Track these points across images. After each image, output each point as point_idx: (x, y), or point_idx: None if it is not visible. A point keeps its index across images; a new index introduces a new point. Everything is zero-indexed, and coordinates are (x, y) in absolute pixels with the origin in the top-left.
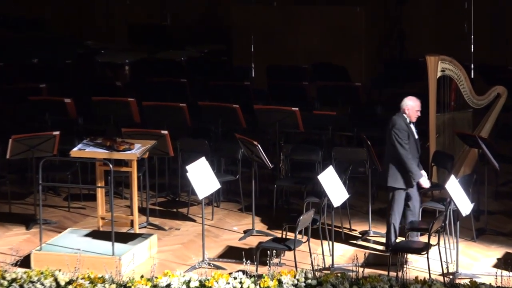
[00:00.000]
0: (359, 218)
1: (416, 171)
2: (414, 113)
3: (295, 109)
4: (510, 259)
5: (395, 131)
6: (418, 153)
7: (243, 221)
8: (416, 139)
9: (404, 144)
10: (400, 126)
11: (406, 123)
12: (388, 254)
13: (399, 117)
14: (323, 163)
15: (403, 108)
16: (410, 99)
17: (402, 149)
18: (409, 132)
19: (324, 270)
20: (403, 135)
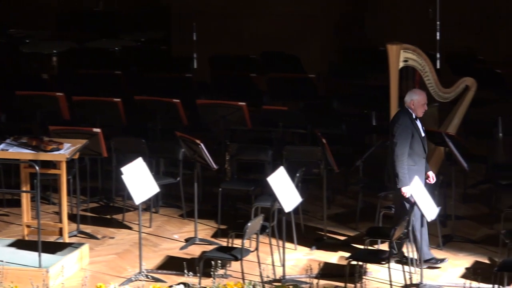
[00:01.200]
0: (313, 224)
1: (403, 176)
2: (420, 108)
3: (242, 104)
4: (479, 268)
5: (397, 127)
6: (425, 152)
7: (184, 229)
8: (422, 137)
9: (402, 143)
10: (403, 122)
11: (411, 119)
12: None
13: (403, 113)
14: (273, 164)
15: (408, 102)
16: (416, 92)
17: (398, 149)
18: (414, 130)
19: (275, 282)
20: (405, 133)
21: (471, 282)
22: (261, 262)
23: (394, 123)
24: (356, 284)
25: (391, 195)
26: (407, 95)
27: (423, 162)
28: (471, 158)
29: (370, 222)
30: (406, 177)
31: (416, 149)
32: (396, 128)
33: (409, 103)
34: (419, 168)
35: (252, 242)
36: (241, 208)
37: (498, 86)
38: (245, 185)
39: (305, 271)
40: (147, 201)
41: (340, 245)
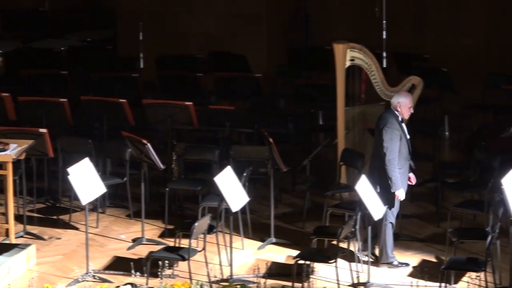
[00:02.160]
0: (261, 224)
1: (397, 180)
2: (407, 111)
3: (189, 104)
4: (426, 267)
5: (387, 130)
6: (410, 155)
7: (131, 229)
8: (408, 139)
9: (394, 147)
10: (392, 125)
11: (398, 122)
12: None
13: (390, 115)
14: (220, 163)
15: (395, 105)
16: (402, 94)
17: (390, 153)
18: (401, 133)
19: (222, 281)
20: (395, 136)
21: (418, 280)
22: (208, 262)
23: (382, 126)
24: (303, 283)
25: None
26: (394, 97)
27: (408, 164)
28: (418, 156)
29: (317, 221)
30: (399, 180)
31: (403, 151)
32: (385, 131)
33: (396, 105)
34: (404, 171)
35: (199, 242)
36: (188, 208)
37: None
38: (192, 185)
39: (253, 270)
40: (93, 201)
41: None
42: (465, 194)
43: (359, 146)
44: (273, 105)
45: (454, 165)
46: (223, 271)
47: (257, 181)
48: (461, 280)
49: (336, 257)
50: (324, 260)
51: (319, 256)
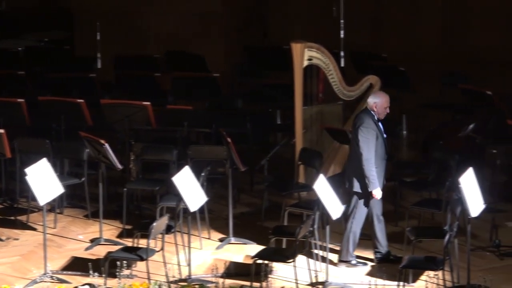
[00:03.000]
0: (219, 223)
1: (374, 179)
2: (382, 110)
3: (147, 104)
4: (385, 266)
5: (363, 130)
6: (386, 154)
7: (89, 229)
8: (384, 138)
9: (370, 146)
10: (369, 125)
11: (374, 121)
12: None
13: (367, 114)
14: (178, 163)
15: (371, 104)
16: (379, 94)
17: (367, 153)
18: (378, 132)
19: (181, 281)
20: (371, 136)
21: (376, 279)
22: (166, 262)
23: (358, 125)
24: (262, 283)
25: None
26: (370, 97)
27: (384, 164)
28: None
29: (276, 221)
30: (376, 179)
31: (379, 151)
32: (361, 131)
33: (372, 105)
34: (381, 170)
35: (158, 242)
36: (146, 208)
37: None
38: (150, 185)
39: (211, 270)
40: (51, 202)
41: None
42: (423, 193)
43: (317, 145)
44: (231, 105)
45: (412, 164)
46: (182, 271)
47: (215, 180)
48: (419, 279)
49: (295, 257)
50: (282, 259)
51: (278, 256)
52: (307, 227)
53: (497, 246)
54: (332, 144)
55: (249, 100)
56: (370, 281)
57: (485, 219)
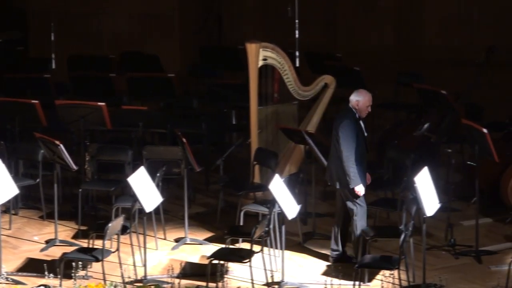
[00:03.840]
0: (175, 224)
1: (355, 176)
2: (364, 109)
3: (102, 104)
4: (341, 265)
5: (343, 128)
6: (367, 152)
7: (44, 230)
8: (365, 136)
9: (350, 144)
10: (348, 124)
11: (355, 119)
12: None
13: (348, 113)
14: (134, 164)
15: (353, 102)
16: (360, 93)
17: (347, 150)
18: (358, 130)
19: (136, 282)
20: (351, 134)
21: (332, 279)
22: (122, 263)
23: (339, 123)
24: (217, 283)
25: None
26: (353, 95)
27: (365, 163)
28: None
29: (231, 221)
30: (357, 176)
31: (361, 150)
32: (342, 128)
33: (354, 103)
34: (361, 168)
35: (113, 243)
36: (101, 208)
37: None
38: (105, 186)
39: (167, 271)
40: (6, 203)
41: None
42: (379, 193)
43: (272, 145)
44: (186, 105)
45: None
46: (137, 271)
47: (170, 181)
48: (375, 278)
49: (250, 257)
50: (238, 259)
51: (233, 256)
52: (262, 227)
53: (452, 245)
54: (287, 144)
55: (204, 100)
56: (326, 280)
57: (440, 218)
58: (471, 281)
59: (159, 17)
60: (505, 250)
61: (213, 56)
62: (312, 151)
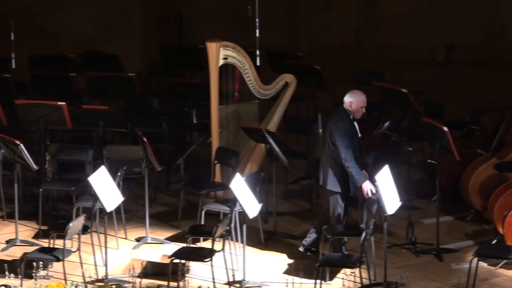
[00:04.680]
0: (136, 223)
1: (358, 174)
2: (358, 110)
3: (62, 104)
4: (302, 264)
5: (338, 129)
6: (360, 153)
7: (5, 230)
8: (359, 137)
9: (347, 145)
10: (344, 125)
11: (349, 120)
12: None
13: (342, 113)
14: (94, 163)
15: (346, 103)
16: (355, 93)
17: (345, 152)
18: (353, 131)
19: (97, 282)
20: (346, 135)
21: (293, 277)
22: (83, 263)
23: (333, 125)
24: (179, 283)
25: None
26: (346, 96)
27: (360, 161)
28: (292, 154)
29: (192, 220)
30: (361, 174)
31: (355, 150)
32: (336, 130)
33: (347, 104)
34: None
35: (74, 242)
36: (62, 208)
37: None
38: (66, 185)
39: (128, 270)
40: None
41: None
42: None
43: (233, 144)
44: (146, 105)
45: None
46: (98, 271)
47: (131, 180)
48: (336, 277)
49: (212, 256)
50: (199, 258)
51: (194, 255)
52: (224, 226)
53: (413, 243)
54: (248, 143)
55: (164, 99)
56: (287, 279)
57: (401, 217)
58: (432, 279)
59: (120, 17)
60: (465, 248)
61: (173, 56)
62: (273, 150)
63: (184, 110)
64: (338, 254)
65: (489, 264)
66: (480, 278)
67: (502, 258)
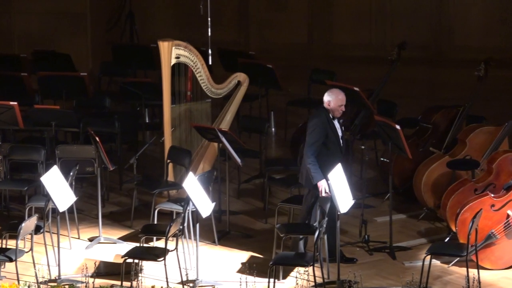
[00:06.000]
0: (88, 223)
1: (315, 171)
2: (337, 109)
3: (14, 104)
4: (255, 263)
5: (310, 126)
6: (341, 152)
7: None
8: (340, 136)
9: (313, 142)
10: (317, 121)
11: (328, 119)
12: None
13: (320, 111)
14: (47, 163)
15: (325, 102)
16: (333, 92)
17: (307, 148)
18: (330, 129)
19: (50, 282)
20: (317, 133)
21: (247, 276)
22: (36, 263)
23: (309, 122)
24: (132, 282)
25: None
26: (325, 95)
27: (338, 161)
28: (245, 153)
29: (145, 219)
30: (319, 171)
31: (332, 149)
32: (309, 126)
33: (326, 103)
34: (331, 168)
35: (27, 243)
36: (14, 208)
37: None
38: (18, 185)
39: (81, 270)
40: None
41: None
42: (292, 190)
43: (186, 143)
44: (98, 104)
45: (281, 161)
46: (51, 271)
47: (84, 180)
48: (289, 275)
49: (165, 255)
50: (152, 258)
51: (147, 255)
52: (177, 225)
53: (366, 241)
54: (201, 142)
55: (117, 99)
56: (240, 278)
57: (354, 215)
58: (385, 277)
59: (71, 16)
60: (418, 246)
61: (125, 55)
62: (226, 149)
63: (136, 109)
64: (291, 253)
65: (442, 262)
66: (433, 276)
67: (455, 255)
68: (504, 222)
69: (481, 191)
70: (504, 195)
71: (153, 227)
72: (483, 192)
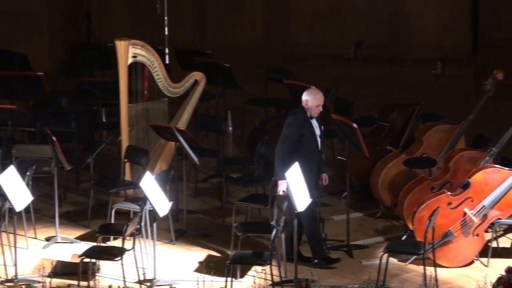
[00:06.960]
0: (45, 222)
1: (280, 170)
2: (314, 109)
3: None
4: (212, 262)
5: (285, 123)
6: (318, 151)
7: None
8: (317, 135)
9: (285, 140)
10: (293, 120)
11: (305, 118)
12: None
13: (297, 111)
14: (3, 163)
15: (303, 102)
16: (311, 92)
17: (279, 145)
18: (306, 128)
19: (7, 282)
20: (290, 131)
21: (204, 275)
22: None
23: (286, 119)
24: (89, 282)
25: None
26: (303, 94)
27: (315, 161)
28: (202, 152)
29: (102, 219)
30: (283, 171)
31: (308, 148)
32: (285, 125)
33: (304, 102)
34: (312, 167)
35: None
36: None
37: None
38: None
39: (38, 270)
40: None
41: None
42: (250, 189)
43: (143, 142)
44: (55, 104)
45: (238, 160)
46: (8, 271)
47: (40, 179)
48: (247, 274)
49: (122, 255)
50: (109, 257)
51: (104, 254)
52: (134, 224)
53: (323, 240)
54: (158, 141)
55: (73, 98)
56: (198, 277)
57: None
58: (342, 275)
59: (27, 15)
60: (376, 244)
61: (82, 54)
62: (183, 148)
63: (93, 108)
64: (249, 252)
65: (400, 260)
66: (390, 274)
67: (412, 253)
68: (461, 220)
69: (438, 189)
70: (460, 193)
71: (110, 226)
72: (440, 190)
